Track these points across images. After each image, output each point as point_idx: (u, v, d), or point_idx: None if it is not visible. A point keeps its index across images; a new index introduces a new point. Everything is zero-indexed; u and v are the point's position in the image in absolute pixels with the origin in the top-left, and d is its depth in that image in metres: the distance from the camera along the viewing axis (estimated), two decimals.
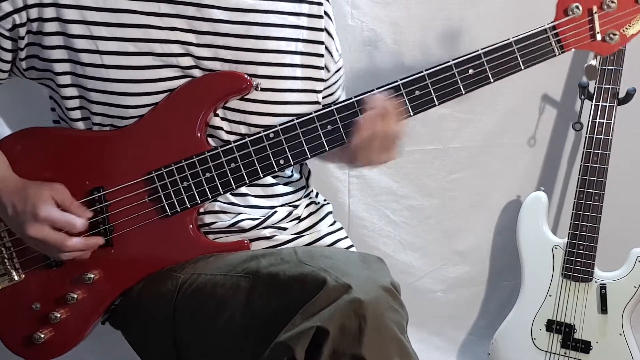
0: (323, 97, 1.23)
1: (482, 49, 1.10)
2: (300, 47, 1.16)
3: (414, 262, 1.85)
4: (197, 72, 1.09)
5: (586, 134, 1.63)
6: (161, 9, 1.06)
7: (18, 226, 1.04)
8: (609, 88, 1.60)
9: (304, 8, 1.17)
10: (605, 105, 1.61)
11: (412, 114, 1.11)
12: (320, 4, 1.18)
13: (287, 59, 1.14)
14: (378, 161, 1.11)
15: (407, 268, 1.84)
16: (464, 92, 1.11)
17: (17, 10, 1.04)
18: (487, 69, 1.10)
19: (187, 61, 1.08)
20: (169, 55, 1.07)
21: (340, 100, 1.29)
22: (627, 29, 1.11)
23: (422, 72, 1.10)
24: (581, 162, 1.64)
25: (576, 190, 1.65)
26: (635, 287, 1.60)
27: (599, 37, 1.11)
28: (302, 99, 1.16)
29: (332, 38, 1.22)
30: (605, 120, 1.61)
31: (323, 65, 1.20)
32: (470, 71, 1.10)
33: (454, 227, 1.87)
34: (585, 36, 1.11)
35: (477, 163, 1.82)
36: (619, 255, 1.64)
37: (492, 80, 1.11)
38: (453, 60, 1.10)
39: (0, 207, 1.05)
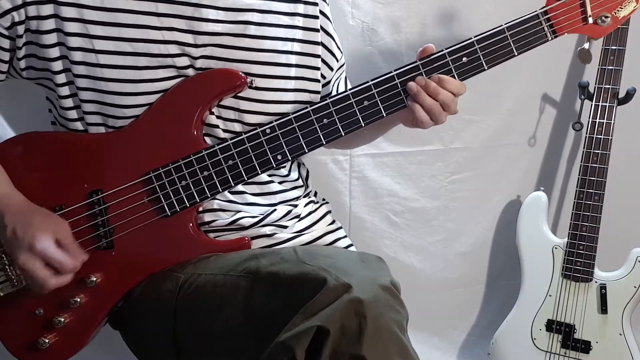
0: (324, 94, 1.24)
1: (475, 36, 1.10)
2: (296, 47, 1.16)
3: (415, 264, 1.85)
4: (191, 72, 1.09)
5: (586, 134, 1.63)
6: (159, 9, 1.06)
7: (11, 249, 1.03)
8: (609, 88, 1.60)
9: (299, 8, 1.17)
10: (605, 105, 1.61)
11: (407, 104, 1.11)
12: (315, 4, 1.19)
13: (283, 58, 1.14)
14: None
15: (409, 269, 1.84)
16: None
17: (15, 8, 1.04)
18: (481, 56, 1.10)
19: (183, 61, 1.08)
20: (166, 55, 1.07)
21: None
22: (618, 11, 1.11)
23: (416, 62, 1.10)
24: (581, 162, 1.64)
25: (576, 190, 1.64)
26: (635, 287, 1.60)
27: (590, 20, 1.11)
28: (297, 98, 1.16)
29: (332, 37, 1.23)
30: (605, 120, 1.61)
31: (319, 66, 1.20)
32: (464, 59, 1.10)
33: (456, 228, 1.87)
34: (577, 20, 1.11)
35: (478, 164, 1.82)
36: (619, 255, 1.64)
37: (486, 68, 1.11)
38: (446, 48, 1.10)
39: (1, 224, 1.04)
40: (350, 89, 1.10)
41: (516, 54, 1.10)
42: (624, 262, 1.63)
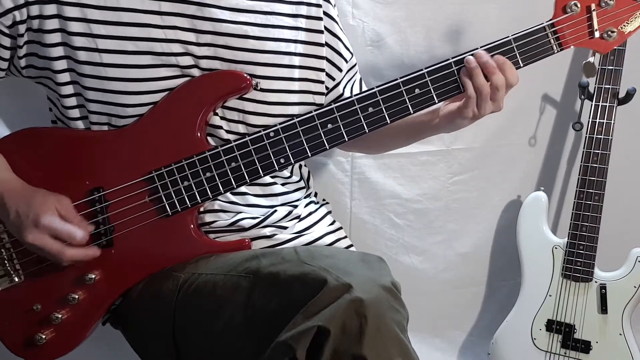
0: (330, 92, 1.24)
1: (482, 46, 1.10)
2: (299, 48, 1.16)
3: (416, 265, 1.85)
4: (196, 72, 1.09)
5: (586, 134, 1.63)
6: (162, 8, 1.06)
7: (17, 230, 1.04)
8: (609, 88, 1.60)
9: (302, 10, 1.17)
10: (605, 105, 1.61)
11: (412, 112, 1.11)
12: (319, 5, 1.18)
13: (286, 60, 1.14)
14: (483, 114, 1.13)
15: (409, 270, 1.84)
16: (463, 90, 1.11)
17: (17, 7, 1.04)
18: None
19: (186, 60, 1.08)
20: (169, 54, 1.07)
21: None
22: (625, 26, 1.11)
23: (421, 70, 1.10)
24: (581, 162, 1.64)
25: (576, 190, 1.64)
26: (635, 287, 1.60)
27: (597, 34, 1.11)
28: (301, 99, 1.16)
29: (339, 38, 1.22)
30: (605, 120, 1.61)
31: (324, 67, 1.20)
32: None
33: (457, 229, 1.86)
34: (584, 33, 1.11)
35: (479, 164, 1.82)
36: (619, 255, 1.64)
37: None
38: (452, 57, 1.10)
39: (2, 209, 1.05)
40: (355, 95, 1.10)
41: (522, 65, 1.11)
42: (624, 262, 1.63)
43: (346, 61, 1.25)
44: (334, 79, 1.23)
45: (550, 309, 1.68)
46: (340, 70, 1.23)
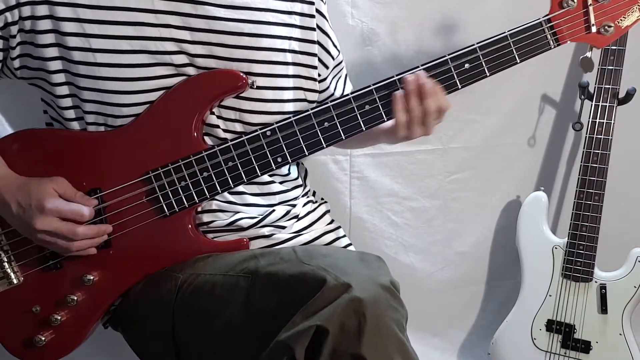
0: (321, 91, 1.24)
1: (478, 42, 1.09)
2: (293, 45, 1.16)
3: (415, 264, 1.85)
4: (191, 70, 1.09)
5: (586, 134, 1.63)
6: (155, 6, 1.06)
7: (24, 222, 1.03)
8: (609, 88, 1.60)
9: (297, 7, 1.17)
10: (605, 105, 1.61)
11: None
12: (312, 3, 1.19)
13: (281, 57, 1.14)
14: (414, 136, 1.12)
15: (409, 270, 1.84)
16: (460, 87, 1.11)
17: (9, 9, 1.03)
18: (483, 63, 1.10)
19: (181, 59, 1.08)
20: (163, 53, 1.07)
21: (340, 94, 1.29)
22: (621, 20, 1.11)
23: (417, 66, 1.10)
24: (581, 162, 1.64)
25: (576, 190, 1.64)
26: (635, 287, 1.60)
27: (594, 29, 1.11)
28: (296, 96, 1.16)
29: (328, 36, 1.22)
30: (605, 120, 1.61)
31: (316, 65, 1.20)
32: (467, 65, 1.10)
33: (455, 228, 1.86)
34: (581, 28, 1.11)
35: (477, 163, 1.82)
36: (619, 255, 1.64)
37: (488, 74, 1.10)
38: (449, 54, 1.10)
39: (3, 205, 1.04)
40: (351, 93, 1.10)
41: (518, 61, 1.10)
42: (624, 262, 1.63)
43: (333, 58, 1.25)
44: (319, 75, 1.23)
45: (550, 309, 1.68)
46: (327, 67, 1.24)
